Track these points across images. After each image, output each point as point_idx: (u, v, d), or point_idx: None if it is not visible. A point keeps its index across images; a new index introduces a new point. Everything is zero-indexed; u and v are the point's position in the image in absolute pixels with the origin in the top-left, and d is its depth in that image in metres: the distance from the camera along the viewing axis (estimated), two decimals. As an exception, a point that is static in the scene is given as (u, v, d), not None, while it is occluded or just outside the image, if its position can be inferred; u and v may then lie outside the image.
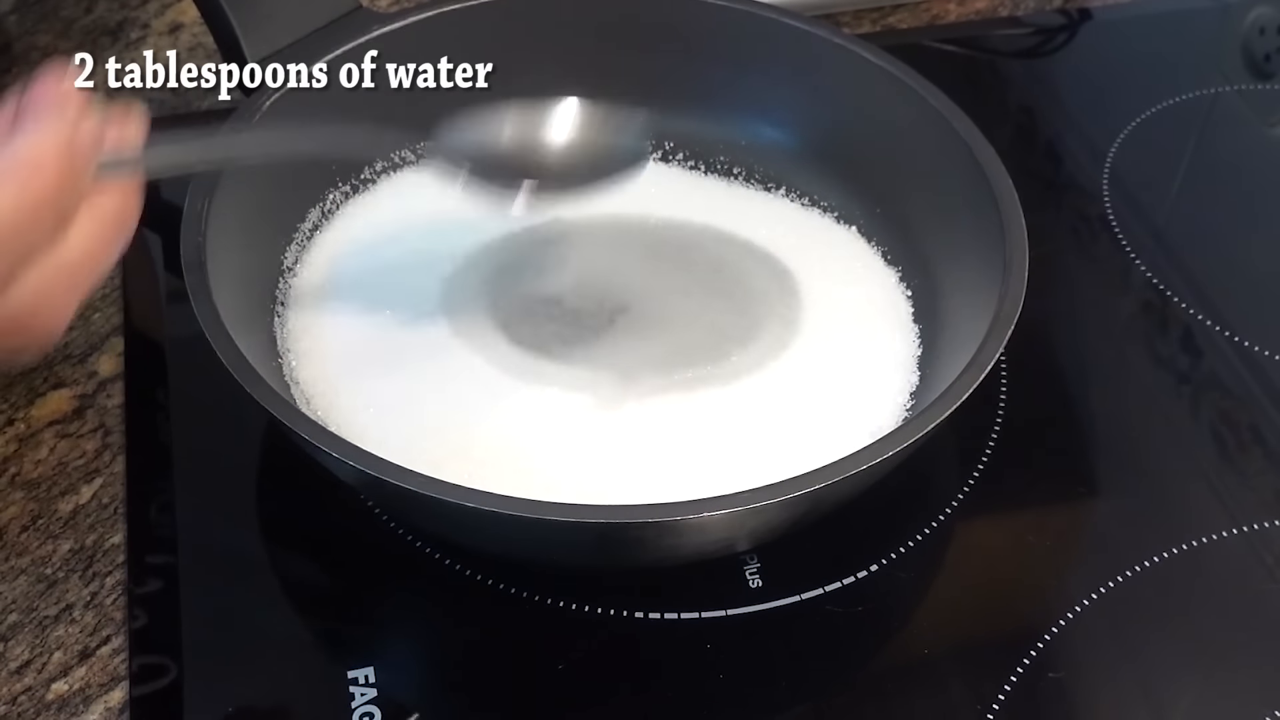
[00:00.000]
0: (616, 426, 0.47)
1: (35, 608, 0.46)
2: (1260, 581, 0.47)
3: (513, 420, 0.47)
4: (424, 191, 0.55)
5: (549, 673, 0.44)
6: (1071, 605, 0.46)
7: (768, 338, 0.50)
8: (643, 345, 0.50)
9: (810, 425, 0.47)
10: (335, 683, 0.43)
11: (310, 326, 0.50)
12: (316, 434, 0.41)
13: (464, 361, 0.49)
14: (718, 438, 0.47)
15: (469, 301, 0.51)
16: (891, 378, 0.49)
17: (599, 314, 0.51)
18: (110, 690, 0.44)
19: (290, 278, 0.52)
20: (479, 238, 0.54)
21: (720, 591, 0.46)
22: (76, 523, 0.48)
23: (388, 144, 0.55)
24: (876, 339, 0.51)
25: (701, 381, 0.48)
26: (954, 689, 0.44)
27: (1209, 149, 0.64)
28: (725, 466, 0.45)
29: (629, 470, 0.45)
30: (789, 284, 0.53)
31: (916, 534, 0.48)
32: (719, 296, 0.52)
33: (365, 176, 0.56)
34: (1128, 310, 0.57)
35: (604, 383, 0.48)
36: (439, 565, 0.46)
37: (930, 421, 0.42)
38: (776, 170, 0.57)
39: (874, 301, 0.52)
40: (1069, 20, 0.69)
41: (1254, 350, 0.54)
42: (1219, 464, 0.51)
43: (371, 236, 0.54)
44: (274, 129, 0.50)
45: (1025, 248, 0.47)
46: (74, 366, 0.53)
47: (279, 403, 0.42)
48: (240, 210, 0.49)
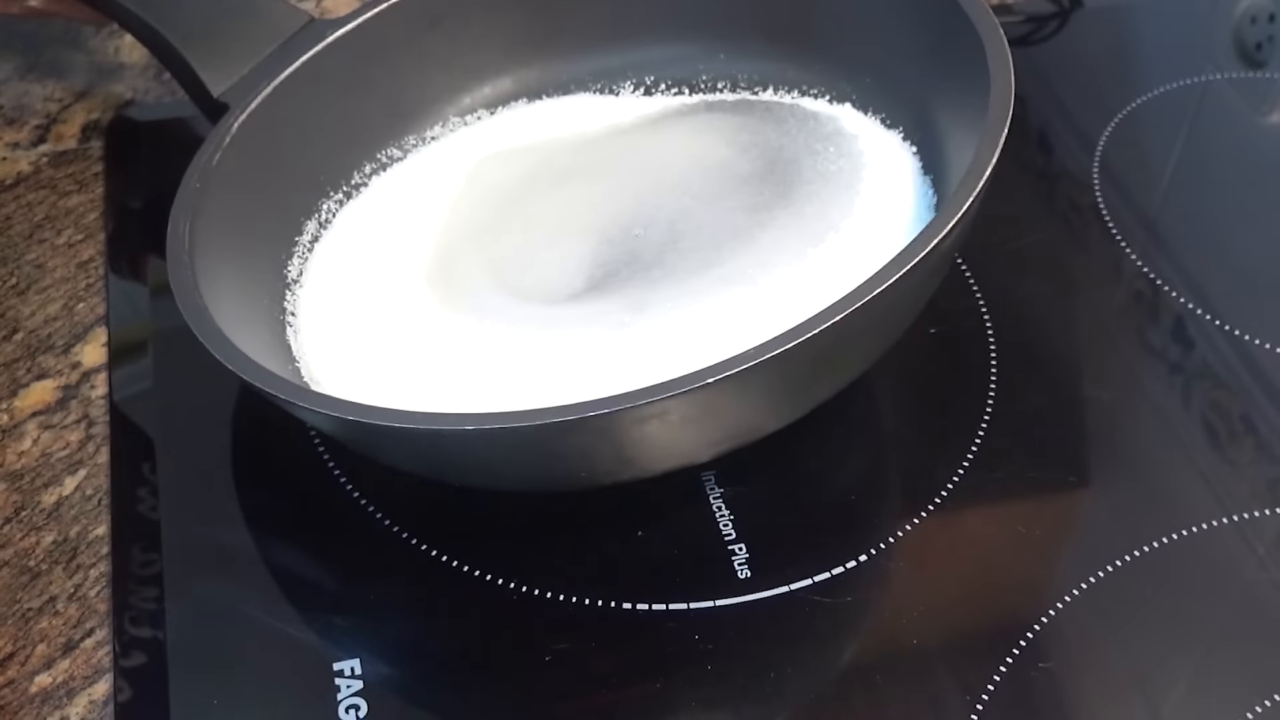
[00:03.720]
0: (633, 350, 0.46)
1: (18, 600, 0.45)
2: (1251, 570, 0.47)
3: (534, 372, 0.46)
4: (415, 186, 0.55)
5: (536, 663, 0.44)
6: (1062, 595, 0.46)
7: (789, 239, 0.50)
8: (652, 271, 0.49)
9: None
10: (321, 674, 0.43)
11: (324, 335, 0.50)
12: (295, 393, 0.41)
13: (479, 338, 0.48)
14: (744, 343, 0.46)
15: (470, 273, 0.51)
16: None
17: (603, 248, 0.51)
18: (94, 683, 0.43)
19: (297, 289, 0.51)
20: (475, 212, 0.54)
21: (708, 582, 0.45)
22: (60, 515, 0.48)
23: (373, 145, 0.56)
24: (893, 218, 0.50)
25: (722, 284, 0.48)
26: (943, 679, 0.44)
27: (1200, 138, 0.64)
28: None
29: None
30: (792, 177, 0.52)
31: (905, 524, 0.47)
32: (723, 211, 0.51)
33: (356, 181, 0.55)
34: (1118, 299, 0.57)
35: (614, 312, 0.48)
36: (425, 555, 0.46)
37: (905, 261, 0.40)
38: (760, 74, 0.58)
39: (882, 174, 0.52)
40: (1060, 9, 0.69)
41: (1245, 340, 0.54)
42: (1210, 453, 0.51)
43: (371, 239, 0.54)
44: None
45: (1008, 59, 0.46)
46: (57, 357, 0.52)
47: (252, 367, 0.42)
48: (230, 230, 0.49)
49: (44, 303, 0.54)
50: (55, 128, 0.61)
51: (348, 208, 0.55)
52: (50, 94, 0.62)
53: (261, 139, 0.51)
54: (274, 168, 0.52)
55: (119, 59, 0.64)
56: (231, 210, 0.49)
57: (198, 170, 0.49)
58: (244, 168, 0.50)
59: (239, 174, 0.50)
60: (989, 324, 0.54)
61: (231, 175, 0.50)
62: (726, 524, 0.47)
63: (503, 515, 0.47)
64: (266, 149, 0.51)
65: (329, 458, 0.49)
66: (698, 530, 0.47)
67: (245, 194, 0.50)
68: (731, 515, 0.47)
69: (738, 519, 0.47)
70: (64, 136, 0.61)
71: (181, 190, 0.48)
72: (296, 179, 0.53)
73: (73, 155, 0.60)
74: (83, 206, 0.58)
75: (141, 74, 0.63)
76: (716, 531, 0.47)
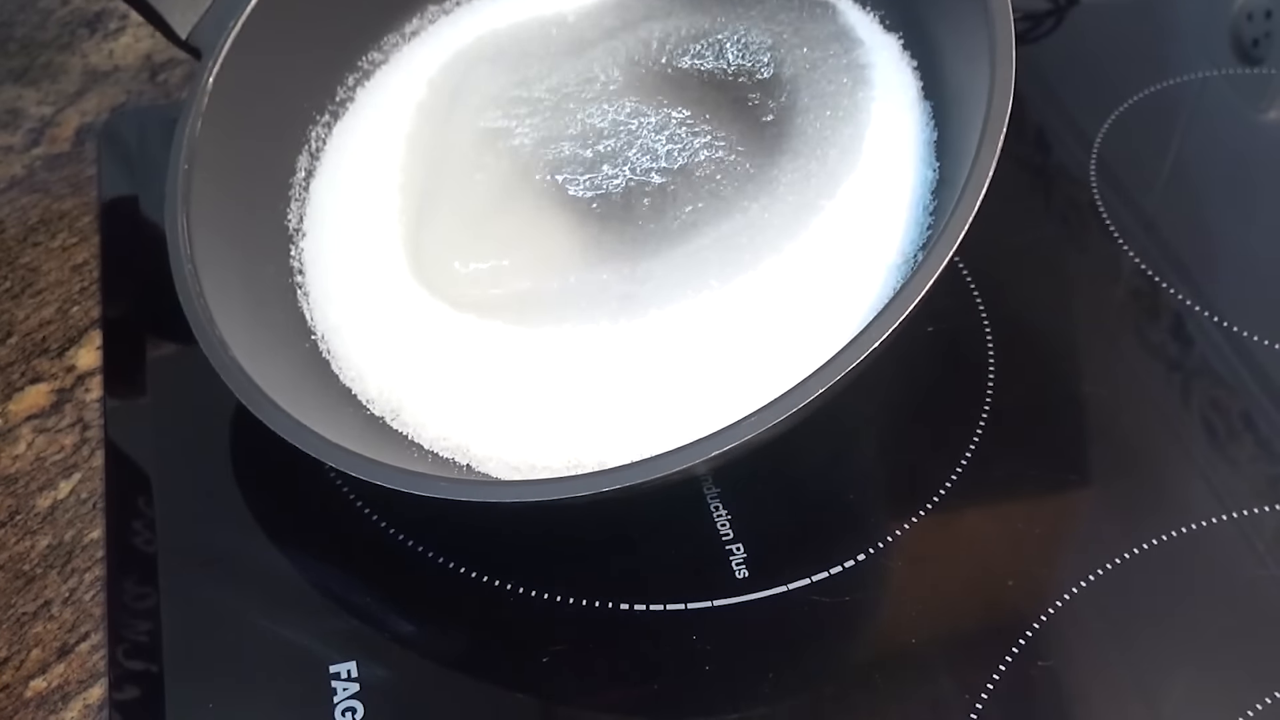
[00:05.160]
0: (633, 345, 0.46)
1: (13, 604, 0.45)
2: (1251, 568, 0.47)
3: (535, 371, 0.46)
4: (399, 92, 0.53)
5: (533, 665, 0.44)
6: (1061, 593, 0.45)
7: (788, 203, 0.47)
8: (647, 228, 0.47)
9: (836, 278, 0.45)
10: (318, 677, 0.43)
11: (334, 294, 0.49)
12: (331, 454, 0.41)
13: (480, 330, 0.47)
14: (750, 323, 0.45)
15: (448, 238, 0.50)
16: (906, 183, 0.47)
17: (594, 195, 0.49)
18: (89, 687, 0.43)
19: (300, 240, 0.50)
20: (459, 134, 0.52)
21: (706, 582, 0.45)
22: (55, 518, 0.47)
23: (353, 53, 0.54)
24: (896, 175, 0.48)
25: (721, 261, 0.46)
26: (943, 678, 0.43)
27: (1197, 134, 0.64)
28: (758, 349, 0.44)
29: (654, 390, 0.44)
30: (793, 101, 0.50)
31: (904, 522, 0.47)
32: (719, 148, 0.49)
33: (341, 97, 0.54)
34: (1116, 297, 0.57)
35: (612, 285, 0.47)
36: (421, 558, 0.46)
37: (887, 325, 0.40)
38: None
39: (886, 105, 0.50)
40: (1056, 6, 0.69)
41: (1245, 336, 0.54)
42: (1210, 450, 0.50)
43: (363, 172, 0.51)
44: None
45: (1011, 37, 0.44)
46: (52, 360, 0.52)
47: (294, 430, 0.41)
48: (228, 197, 0.47)
49: (38, 306, 0.54)
50: (49, 131, 0.61)
51: (336, 129, 0.53)
52: (44, 97, 0.62)
53: (241, 84, 0.49)
54: (259, 110, 0.50)
55: (113, 62, 0.63)
56: (225, 174, 0.48)
57: (183, 147, 0.47)
58: (229, 124, 0.48)
59: (226, 132, 0.48)
60: (986, 321, 0.54)
61: (218, 137, 0.48)
62: (724, 524, 0.47)
63: (498, 519, 0.47)
64: (248, 93, 0.49)
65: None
66: (695, 530, 0.47)
67: (236, 150, 0.48)
68: (729, 515, 0.47)
69: (735, 519, 0.47)
70: (58, 140, 0.61)
71: (170, 178, 0.47)
72: (283, 113, 0.51)
73: (67, 158, 0.60)
74: (77, 210, 0.58)
75: (135, 77, 0.63)
76: (714, 531, 0.47)
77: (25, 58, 0.64)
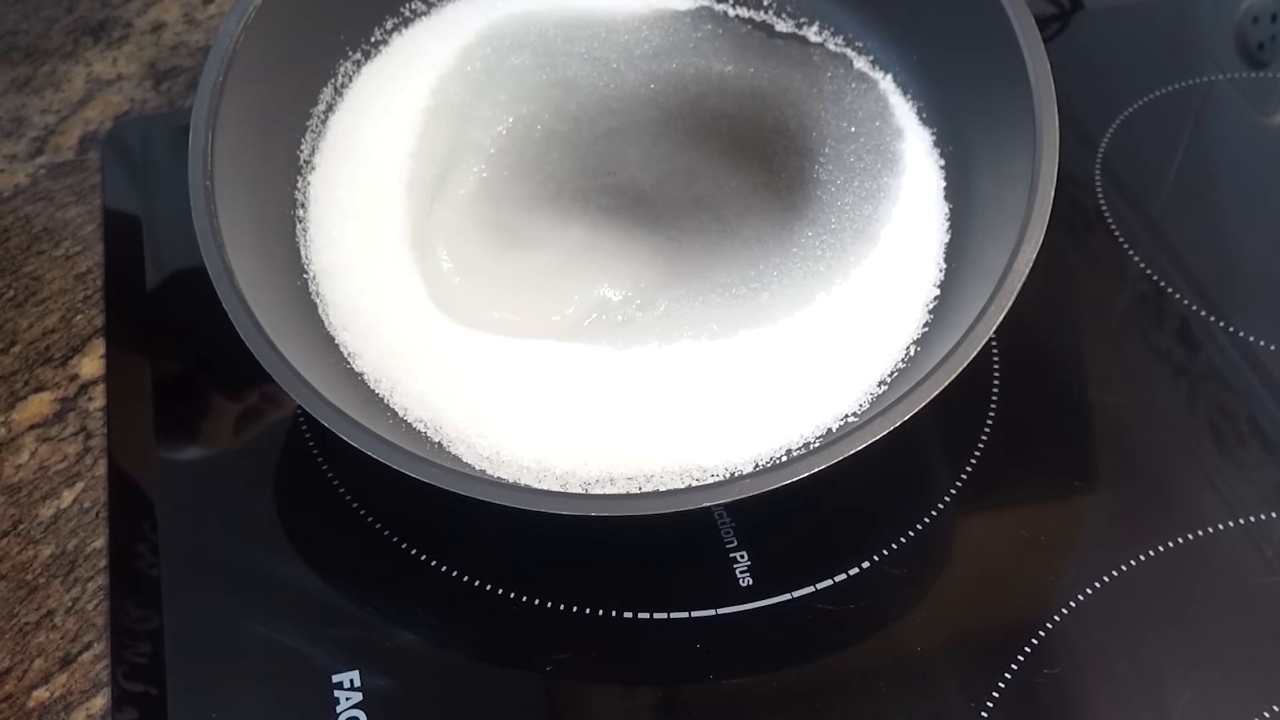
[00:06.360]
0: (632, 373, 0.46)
1: (16, 614, 0.45)
2: (1259, 574, 0.46)
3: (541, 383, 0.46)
4: (437, 48, 0.53)
5: (537, 674, 0.43)
6: (1067, 600, 0.45)
7: (801, 270, 0.49)
8: (657, 262, 0.49)
9: (833, 364, 0.46)
10: (320, 686, 0.43)
11: (333, 237, 0.48)
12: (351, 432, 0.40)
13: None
14: (743, 375, 0.46)
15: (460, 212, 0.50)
16: (915, 278, 0.48)
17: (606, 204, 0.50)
18: (92, 697, 0.43)
19: (309, 174, 0.50)
20: (488, 104, 0.52)
21: (710, 590, 0.45)
22: (58, 528, 0.47)
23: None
24: (907, 244, 0.49)
25: (737, 315, 0.47)
26: (948, 687, 0.43)
27: (1203, 138, 0.64)
28: (751, 408, 0.45)
29: (648, 420, 0.45)
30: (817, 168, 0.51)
31: (909, 530, 0.47)
32: (742, 192, 0.50)
33: (376, 38, 0.53)
34: (1122, 302, 0.56)
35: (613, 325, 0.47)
36: (424, 566, 0.46)
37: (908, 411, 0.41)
38: (808, 5, 0.55)
39: (909, 178, 0.50)
40: (1061, 10, 0.69)
41: (1251, 341, 0.54)
42: (1217, 456, 0.50)
43: (383, 114, 0.51)
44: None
45: (1054, 172, 0.46)
46: (55, 369, 0.52)
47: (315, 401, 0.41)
48: (248, 119, 0.47)
49: (42, 315, 0.54)
50: (53, 139, 0.61)
51: (365, 69, 0.53)
52: (48, 105, 0.62)
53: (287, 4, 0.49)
54: (298, 31, 0.50)
55: (117, 70, 0.63)
56: (255, 93, 0.47)
57: (222, 58, 0.46)
58: (267, 40, 0.48)
59: (263, 47, 0.48)
60: (991, 327, 0.54)
61: (255, 51, 0.47)
62: (728, 531, 0.47)
63: (503, 526, 0.47)
64: (291, 11, 0.49)
65: (328, 468, 0.48)
66: (699, 538, 0.47)
67: (270, 66, 0.48)
68: (733, 523, 0.47)
69: (739, 526, 0.47)
70: (62, 148, 0.61)
71: (202, 89, 0.46)
72: (318, 39, 0.51)
73: (70, 167, 0.60)
74: (81, 218, 0.58)
75: (139, 85, 0.63)
76: (718, 539, 0.47)
77: (29, 66, 0.64)
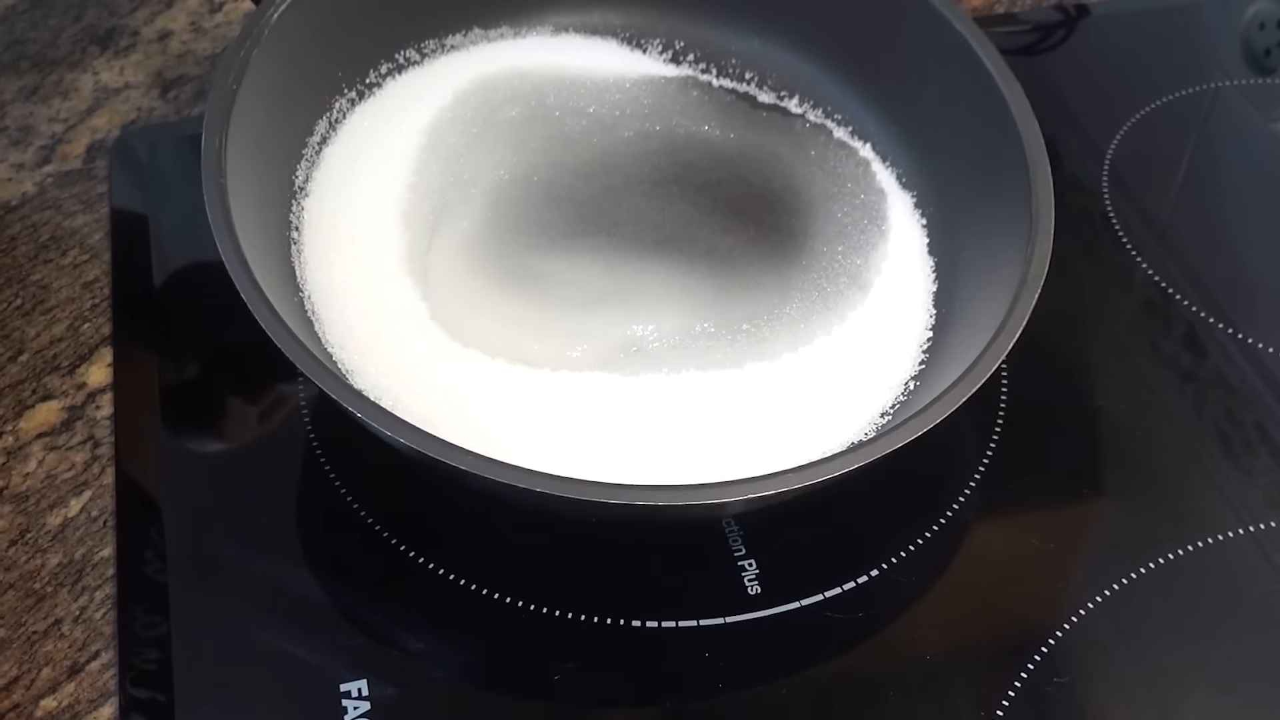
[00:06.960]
0: (630, 398, 0.47)
1: (23, 623, 0.45)
2: (1269, 581, 0.46)
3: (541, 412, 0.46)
4: (430, 94, 0.55)
5: (545, 683, 0.43)
6: (1076, 609, 0.45)
7: (789, 311, 0.50)
8: (653, 308, 0.50)
9: (821, 406, 0.47)
10: (328, 695, 0.43)
11: (328, 259, 0.49)
12: (361, 406, 0.40)
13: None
14: (733, 408, 0.47)
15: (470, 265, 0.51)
16: (907, 322, 0.50)
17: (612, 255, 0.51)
18: (100, 706, 0.43)
19: (303, 199, 0.51)
20: (484, 149, 0.54)
21: (719, 599, 0.45)
22: (65, 536, 0.47)
23: (393, 44, 0.55)
24: (895, 294, 0.50)
25: (715, 343, 0.49)
26: (957, 695, 0.43)
27: (1209, 145, 0.64)
28: (738, 439, 0.46)
29: (646, 441, 0.45)
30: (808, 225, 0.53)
31: (917, 538, 0.47)
32: (731, 253, 0.52)
33: (371, 80, 0.55)
34: (1130, 308, 0.56)
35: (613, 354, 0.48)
36: (432, 574, 0.46)
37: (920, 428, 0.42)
38: (789, 78, 0.57)
39: (895, 242, 0.52)
40: (1066, 17, 0.69)
41: (1258, 347, 0.54)
42: (1224, 463, 0.50)
43: (377, 148, 0.53)
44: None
45: (1051, 208, 0.48)
46: (62, 378, 0.52)
47: (330, 380, 0.41)
48: (253, 134, 0.48)
49: (49, 323, 0.54)
50: (60, 148, 0.61)
51: (359, 109, 0.54)
52: (55, 114, 0.62)
53: (299, 25, 0.50)
54: (302, 59, 0.51)
55: (124, 79, 0.64)
56: (260, 107, 0.48)
57: (233, 70, 0.48)
58: (275, 63, 0.49)
59: (270, 69, 0.49)
60: (999, 335, 0.54)
61: (263, 72, 0.49)
62: (736, 540, 0.47)
63: (511, 534, 0.47)
64: (299, 39, 0.51)
65: (335, 477, 0.48)
66: (707, 547, 0.47)
67: (275, 88, 0.50)
68: (741, 531, 0.47)
69: (747, 535, 0.47)
70: (69, 157, 0.61)
71: (213, 97, 0.47)
72: (318, 70, 0.52)
73: (78, 175, 0.60)
74: (88, 227, 0.58)
75: (146, 93, 0.63)
76: (726, 548, 0.46)
77: (37, 75, 0.64)
